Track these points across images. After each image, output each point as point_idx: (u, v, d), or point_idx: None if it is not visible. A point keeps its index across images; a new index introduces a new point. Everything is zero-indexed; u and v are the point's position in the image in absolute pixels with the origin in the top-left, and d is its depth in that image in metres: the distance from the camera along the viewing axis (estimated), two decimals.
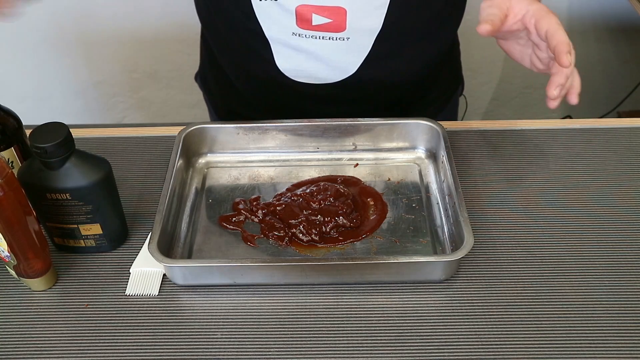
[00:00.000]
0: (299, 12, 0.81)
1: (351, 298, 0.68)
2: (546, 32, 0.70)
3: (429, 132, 0.83)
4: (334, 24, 0.82)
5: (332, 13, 0.81)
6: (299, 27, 0.83)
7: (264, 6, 0.82)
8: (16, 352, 0.64)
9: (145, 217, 0.77)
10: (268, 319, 0.66)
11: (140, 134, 0.91)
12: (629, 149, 0.86)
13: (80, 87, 2.00)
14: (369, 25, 0.83)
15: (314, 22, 0.82)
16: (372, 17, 0.82)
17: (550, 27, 0.70)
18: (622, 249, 0.73)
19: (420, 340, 0.64)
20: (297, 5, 0.81)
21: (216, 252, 0.74)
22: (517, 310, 0.66)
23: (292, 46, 0.86)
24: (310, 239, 0.74)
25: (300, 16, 0.82)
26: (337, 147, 0.86)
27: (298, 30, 0.83)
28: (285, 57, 0.88)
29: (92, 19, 1.83)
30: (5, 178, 0.61)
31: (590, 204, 0.78)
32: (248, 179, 0.83)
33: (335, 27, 0.83)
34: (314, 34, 0.84)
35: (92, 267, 0.72)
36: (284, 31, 0.84)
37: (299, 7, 0.81)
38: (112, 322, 0.66)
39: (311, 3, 0.80)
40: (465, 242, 0.67)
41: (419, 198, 0.80)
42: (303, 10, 0.81)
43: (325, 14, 0.81)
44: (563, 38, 0.69)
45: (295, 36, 0.84)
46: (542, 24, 0.71)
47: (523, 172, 0.83)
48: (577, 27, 1.90)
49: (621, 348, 0.63)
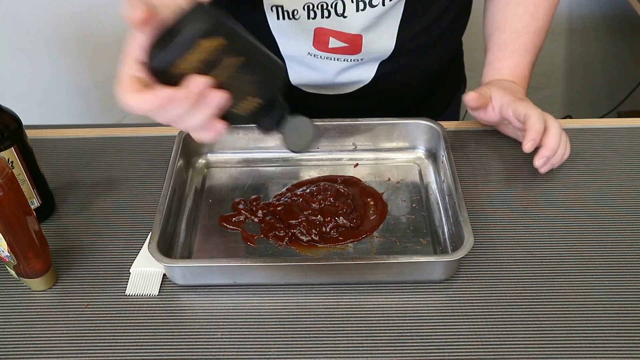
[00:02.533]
0: (317, 33, 0.83)
1: (351, 298, 0.68)
2: (523, 116, 0.79)
3: (429, 132, 0.83)
4: (349, 48, 0.84)
5: (349, 39, 0.83)
6: (315, 48, 0.84)
7: (283, 25, 0.83)
8: (16, 352, 0.64)
9: (145, 217, 0.77)
10: (268, 319, 0.66)
11: (140, 134, 0.91)
12: (629, 149, 0.86)
13: (80, 87, 2.00)
14: (383, 46, 0.85)
15: (331, 44, 0.84)
16: (385, 39, 0.85)
17: (526, 113, 0.78)
18: (622, 249, 0.72)
19: (420, 340, 0.64)
20: (316, 27, 0.82)
21: (216, 252, 0.74)
22: (517, 310, 0.66)
23: (306, 64, 0.88)
24: (310, 239, 0.74)
25: (317, 38, 0.83)
26: (337, 147, 0.86)
27: (314, 51, 0.85)
28: (298, 72, 0.90)
29: (93, 18, 1.82)
30: (5, 178, 0.61)
31: (590, 204, 0.78)
32: (248, 179, 0.83)
33: (350, 50, 0.85)
34: (329, 56, 0.85)
35: (92, 267, 0.72)
36: (300, 50, 0.86)
37: (317, 28, 0.82)
38: (112, 322, 0.66)
39: (330, 27, 0.82)
40: (465, 242, 0.67)
41: (419, 198, 0.80)
42: (321, 32, 0.82)
43: (342, 39, 0.83)
44: (535, 126, 0.77)
45: (310, 56, 0.86)
46: (519, 110, 0.79)
47: (523, 172, 0.83)
48: (577, 27, 1.90)
49: (621, 348, 0.63)
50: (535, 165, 0.79)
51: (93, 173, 0.84)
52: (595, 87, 2.05)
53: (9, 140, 0.71)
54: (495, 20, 0.89)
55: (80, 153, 0.88)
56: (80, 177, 0.84)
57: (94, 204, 0.80)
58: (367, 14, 0.80)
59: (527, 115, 0.78)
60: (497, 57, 0.88)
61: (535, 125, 0.77)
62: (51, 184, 0.80)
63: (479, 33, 0.94)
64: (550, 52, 1.96)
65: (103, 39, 1.87)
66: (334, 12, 0.80)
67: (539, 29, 0.88)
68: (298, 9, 0.80)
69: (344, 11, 0.80)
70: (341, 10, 0.80)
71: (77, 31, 1.85)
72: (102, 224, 0.77)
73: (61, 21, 1.83)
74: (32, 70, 1.94)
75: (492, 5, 0.90)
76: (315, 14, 0.81)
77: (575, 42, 1.94)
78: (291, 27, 0.83)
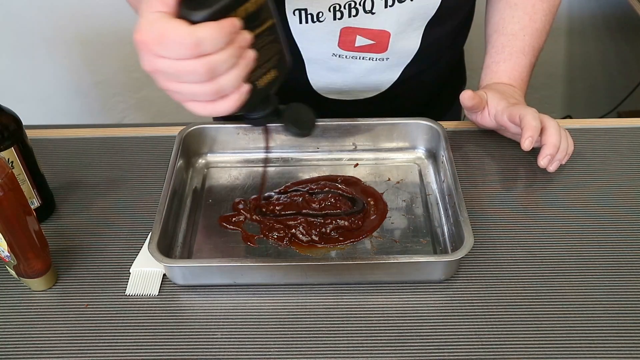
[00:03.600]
0: (343, 33, 0.82)
1: (351, 298, 0.68)
2: (519, 117, 0.79)
3: (429, 132, 0.83)
4: (376, 46, 0.84)
5: (376, 35, 0.82)
6: (341, 48, 0.84)
7: (305, 29, 0.82)
8: (16, 352, 0.64)
9: (145, 217, 0.77)
10: (268, 319, 0.66)
11: (140, 134, 0.91)
12: (629, 149, 0.86)
13: (80, 87, 2.00)
14: (408, 45, 0.85)
15: (357, 43, 0.83)
16: (411, 39, 0.84)
17: (521, 113, 0.78)
18: (622, 249, 0.72)
19: (420, 340, 0.64)
20: (342, 27, 0.81)
21: (216, 252, 0.74)
22: (517, 310, 0.66)
23: (330, 66, 0.87)
24: (310, 239, 0.74)
25: (344, 38, 0.82)
26: (337, 147, 0.86)
27: (339, 51, 0.84)
28: (319, 76, 0.89)
29: (92, 18, 1.82)
30: (5, 178, 0.61)
31: (590, 204, 0.78)
32: (248, 179, 0.83)
33: (377, 48, 0.84)
34: (355, 55, 0.85)
35: (92, 267, 0.72)
36: (323, 52, 0.85)
37: (344, 28, 0.81)
38: (112, 322, 0.66)
39: (357, 25, 0.81)
40: (465, 242, 0.67)
41: (419, 198, 0.80)
42: (348, 31, 0.82)
43: (369, 36, 0.82)
44: (531, 123, 0.77)
45: (335, 57, 0.85)
46: (513, 113, 0.79)
47: (523, 172, 0.83)
48: (577, 27, 1.90)
49: (621, 348, 0.63)
50: (540, 164, 0.79)
51: (93, 173, 0.84)
52: (595, 87, 2.05)
53: (9, 140, 0.71)
54: (494, 23, 0.89)
55: (80, 153, 0.88)
56: (80, 177, 0.84)
57: (94, 204, 0.80)
58: (396, 10, 0.80)
59: (522, 115, 0.78)
60: (495, 59, 0.88)
61: (531, 122, 0.77)
62: (51, 184, 0.80)
63: (479, 33, 0.95)
64: (550, 52, 1.96)
65: (103, 39, 1.87)
66: (362, 10, 0.79)
67: (538, 31, 0.87)
68: (323, 11, 0.79)
69: (372, 7, 0.79)
70: (369, 7, 0.79)
71: (77, 31, 1.85)
72: (102, 224, 0.77)
73: (61, 21, 1.83)
74: (32, 70, 1.94)
75: (491, 7, 0.90)
76: (342, 14, 0.80)
77: (575, 42, 1.94)
78: (315, 30, 0.82)
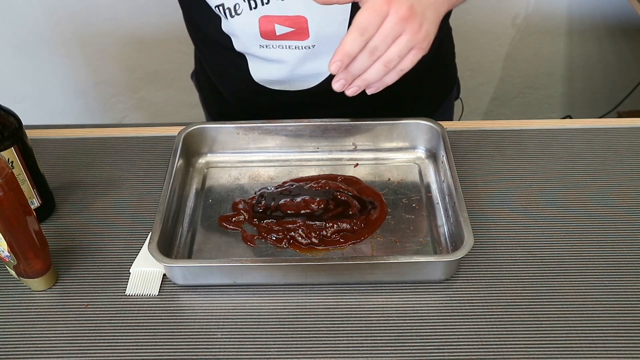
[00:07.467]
0: (262, 22, 0.82)
1: (351, 298, 0.68)
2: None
3: (429, 132, 0.83)
4: (296, 33, 0.83)
5: (293, 22, 0.82)
6: (264, 38, 0.84)
7: (232, 23, 0.83)
8: (16, 352, 0.64)
9: (145, 217, 0.77)
10: (268, 319, 0.66)
11: (140, 134, 0.91)
12: (629, 149, 0.86)
13: (80, 87, 2.00)
14: (334, 32, 0.82)
15: (278, 32, 0.83)
16: (335, 25, 0.82)
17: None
18: (622, 249, 0.72)
19: (420, 340, 0.64)
20: (259, 17, 0.82)
21: (216, 252, 0.74)
22: (517, 310, 0.66)
23: (262, 57, 0.87)
24: (310, 242, 0.74)
25: (263, 27, 0.83)
26: (337, 147, 0.86)
27: (264, 42, 0.84)
28: (258, 68, 0.89)
29: (92, 19, 1.83)
30: (5, 178, 0.61)
31: (590, 204, 0.78)
32: (248, 179, 0.83)
33: (298, 35, 0.83)
34: (281, 44, 0.84)
35: (92, 267, 0.72)
36: (251, 44, 0.85)
37: (261, 18, 0.82)
38: (112, 322, 0.66)
39: (273, 13, 0.81)
40: (465, 242, 0.67)
41: (419, 198, 0.80)
42: (265, 20, 0.82)
43: (287, 23, 0.82)
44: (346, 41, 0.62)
45: (263, 48, 0.85)
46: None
47: (523, 172, 0.83)
48: (577, 27, 1.90)
49: (621, 348, 0.63)
50: (330, 70, 0.64)
51: (93, 173, 0.84)
52: (595, 87, 2.05)
53: (9, 140, 0.71)
54: None
55: (80, 153, 0.88)
56: (80, 177, 0.84)
57: (94, 204, 0.80)
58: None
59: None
60: None
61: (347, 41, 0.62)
62: (51, 184, 0.80)
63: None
64: (550, 52, 1.96)
65: (103, 39, 1.87)
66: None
67: None
68: (239, 3, 0.80)
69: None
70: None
71: (77, 31, 1.86)
72: (102, 224, 0.77)
73: (61, 21, 1.83)
74: (32, 70, 1.94)
75: None
76: (256, 3, 0.80)
77: (575, 42, 1.94)
78: (238, 23, 0.83)
